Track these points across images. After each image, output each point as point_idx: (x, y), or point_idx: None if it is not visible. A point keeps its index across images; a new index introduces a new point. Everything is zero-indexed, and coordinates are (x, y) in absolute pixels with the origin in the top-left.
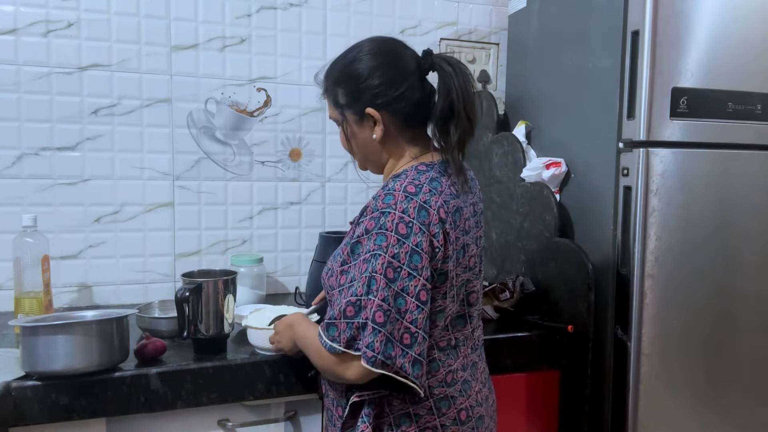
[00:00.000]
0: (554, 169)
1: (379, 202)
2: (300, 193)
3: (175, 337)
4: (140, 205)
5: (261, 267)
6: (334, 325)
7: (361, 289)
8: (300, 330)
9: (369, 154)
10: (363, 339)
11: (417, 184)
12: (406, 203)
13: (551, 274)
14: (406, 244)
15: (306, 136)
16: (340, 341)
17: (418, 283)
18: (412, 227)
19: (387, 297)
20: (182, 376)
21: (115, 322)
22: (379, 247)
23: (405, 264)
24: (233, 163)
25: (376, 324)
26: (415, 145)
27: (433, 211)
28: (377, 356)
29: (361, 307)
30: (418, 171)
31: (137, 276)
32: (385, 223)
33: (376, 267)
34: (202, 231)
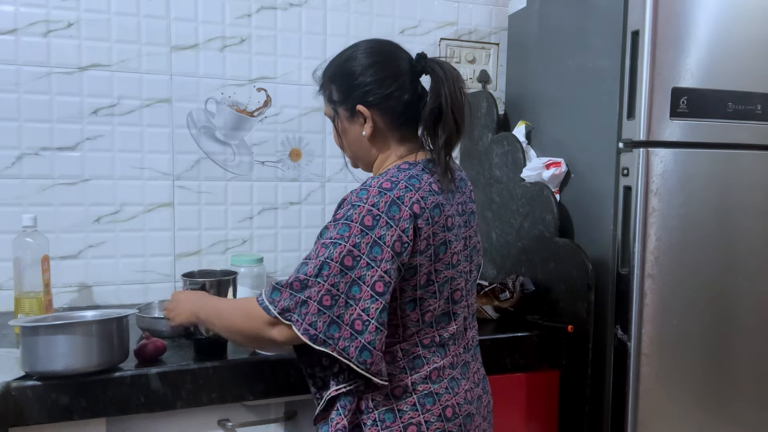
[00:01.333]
0: (554, 169)
1: (353, 196)
2: (300, 193)
3: (175, 337)
4: (140, 205)
5: (261, 267)
6: (278, 291)
7: (312, 271)
8: (213, 300)
9: (359, 151)
10: (302, 315)
11: (394, 181)
12: (377, 197)
13: (551, 274)
14: (369, 236)
15: (306, 136)
16: (276, 306)
17: (375, 273)
18: (379, 220)
19: (337, 283)
20: (182, 376)
21: (115, 322)
22: (341, 237)
23: (365, 254)
24: (233, 163)
25: (323, 306)
26: (402, 145)
27: (405, 207)
28: (318, 335)
29: (306, 286)
30: (400, 169)
31: (137, 276)
32: (351, 215)
33: (333, 255)
34: (202, 231)
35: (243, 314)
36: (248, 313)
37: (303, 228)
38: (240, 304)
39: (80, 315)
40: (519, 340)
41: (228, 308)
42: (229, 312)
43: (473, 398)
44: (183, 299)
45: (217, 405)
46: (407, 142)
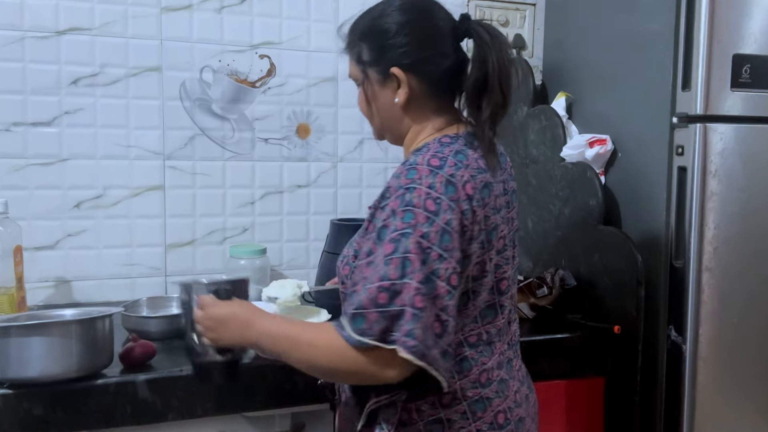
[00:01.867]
0: (599, 148)
1: (402, 179)
2: (308, 174)
3: (165, 339)
4: (126, 189)
5: (264, 259)
6: (362, 316)
7: (395, 272)
8: (272, 323)
9: (389, 121)
10: (399, 328)
11: (441, 157)
12: (431, 177)
13: (595, 267)
14: (436, 223)
15: (315, 109)
16: (372, 334)
17: (449, 266)
18: (441, 204)
19: (423, 279)
20: (174, 383)
21: (97, 322)
22: (408, 225)
23: (435, 244)
24: (232, 140)
25: (416, 309)
26: (439, 116)
27: (460, 185)
28: (419, 345)
29: (395, 292)
30: (442, 143)
31: (123, 269)
32: (411, 200)
33: (408, 247)
34: (196, 218)
35: (332, 353)
36: (341, 352)
37: (312, 215)
38: (319, 336)
39: (58, 314)
40: (558, 342)
41: (303, 339)
42: (306, 345)
43: (522, 399)
44: (228, 317)
45: (213, 416)
46: (444, 113)
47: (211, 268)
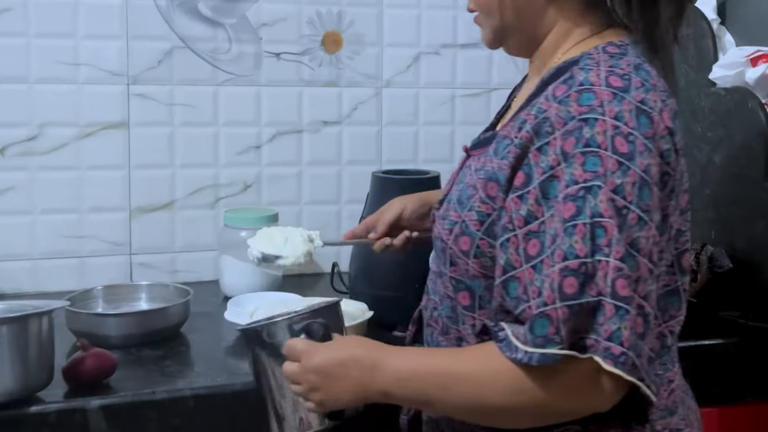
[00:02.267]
0: (765, 66)
1: (573, 105)
2: (340, 106)
3: (131, 347)
4: (72, 127)
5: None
6: (545, 317)
7: (583, 246)
8: (410, 361)
9: (524, 15)
10: (597, 328)
11: (622, 74)
12: (617, 103)
13: (759, 241)
14: (631, 170)
15: (350, 10)
16: (561, 340)
17: (650, 233)
18: (635, 142)
19: (625, 256)
20: (143, 411)
21: (30, 323)
22: (595, 175)
23: (632, 203)
24: (228, 56)
25: (620, 300)
26: (595, 15)
27: (656, 115)
28: (628, 353)
29: (587, 276)
30: (610, 54)
31: (67, 245)
32: (594, 137)
33: (598, 207)
34: (176, 169)
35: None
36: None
37: (345, 165)
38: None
39: None
40: (708, 351)
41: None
42: (465, 382)
43: (699, 421)
44: (343, 364)
45: None
46: (600, 12)
47: (197, 242)
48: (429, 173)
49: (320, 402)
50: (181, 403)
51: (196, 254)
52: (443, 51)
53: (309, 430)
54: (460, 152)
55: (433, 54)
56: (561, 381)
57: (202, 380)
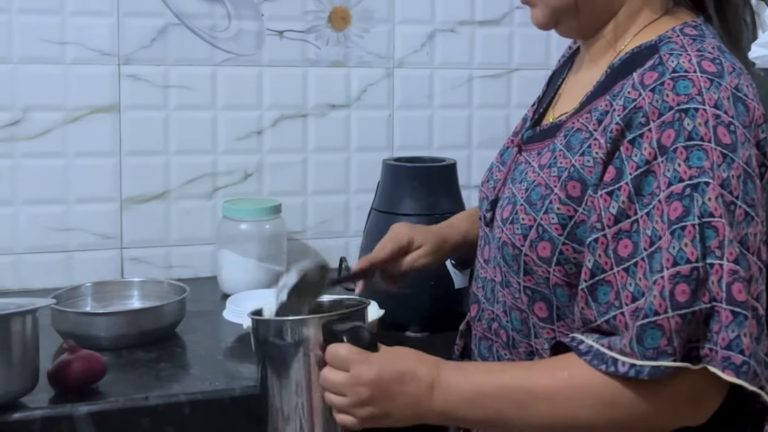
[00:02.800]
0: None
1: (669, 94)
2: (348, 88)
3: (121, 349)
4: (59, 111)
5: (278, 222)
6: (657, 327)
7: (693, 250)
8: (474, 377)
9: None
10: (712, 336)
11: (712, 58)
12: (715, 92)
13: None
14: (735, 163)
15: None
16: (674, 352)
17: (757, 229)
18: (736, 132)
19: (738, 257)
20: (136, 418)
21: (13, 323)
22: (701, 170)
23: (739, 198)
24: (227, 33)
25: (737, 305)
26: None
27: (750, 102)
28: (749, 362)
29: (698, 281)
30: (693, 37)
31: (54, 238)
32: (696, 129)
33: (708, 206)
34: (170, 156)
35: (587, 402)
36: (608, 400)
37: (354, 152)
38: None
39: None
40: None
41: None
42: (547, 400)
43: None
44: (401, 379)
45: None
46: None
47: (193, 235)
48: (444, 161)
49: (366, 418)
50: (176, 409)
51: (193, 248)
52: (460, 28)
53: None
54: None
55: (448, 32)
56: (663, 394)
57: (199, 385)
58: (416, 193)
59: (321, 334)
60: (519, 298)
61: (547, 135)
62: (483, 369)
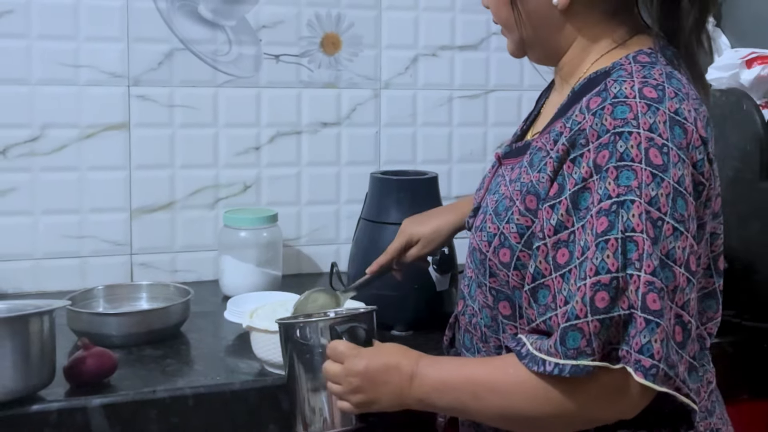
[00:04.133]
0: (760, 68)
1: (607, 118)
2: (339, 107)
3: (131, 347)
4: (74, 128)
5: (274, 230)
6: (577, 330)
7: (614, 261)
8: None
9: (542, 30)
10: (629, 340)
11: (655, 84)
12: (651, 116)
13: (753, 240)
14: (665, 182)
15: (349, 13)
16: (593, 352)
17: (686, 243)
18: (669, 154)
19: (657, 269)
20: (144, 410)
21: (32, 322)
22: (629, 189)
23: (667, 214)
24: (228, 57)
25: (651, 313)
26: (620, 23)
27: (689, 125)
28: (659, 365)
29: (618, 290)
30: (642, 64)
31: (69, 245)
32: (627, 151)
33: (631, 222)
34: (176, 170)
35: (524, 396)
36: (543, 393)
37: (344, 166)
38: (504, 376)
39: None
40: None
41: (485, 383)
42: (490, 392)
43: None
44: (387, 371)
45: None
46: (623, 20)
47: (197, 242)
48: (427, 174)
49: (358, 404)
50: (181, 401)
51: (196, 254)
52: (441, 53)
53: (333, 429)
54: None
55: (430, 56)
56: (590, 390)
57: (202, 379)
58: (401, 203)
59: (328, 334)
60: (488, 297)
61: (520, 152)
62: (451, 363)
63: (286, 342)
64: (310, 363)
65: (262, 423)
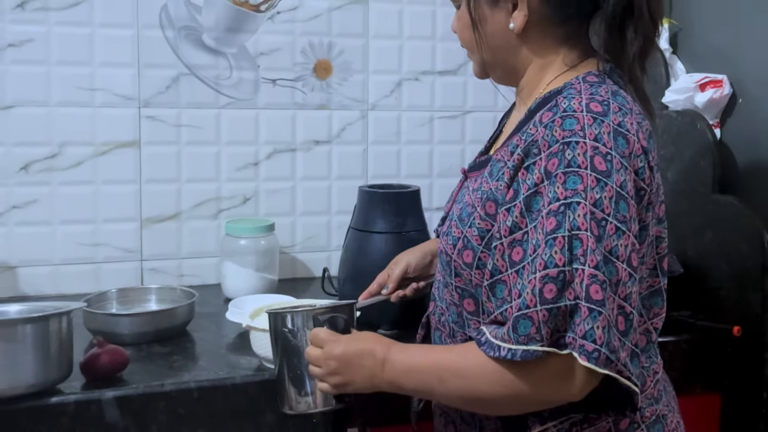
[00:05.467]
0: (712, 91)
1: (557, 130)
2: (330, 126)
3: (141, 344)
4: (89, 146)
5: (271, 238)
6: (528, 318)
7: (561, 256)
8: (412, 357)
9: (500, 52)
10: (574, 328)
11: (601, 101)
12: (596, 127)
13: (706, 248)
14: (608, 186)
15: (339, 41)
16: (542, 339)
17: (629, 241)
18: (612, 161)
19: (600, 264)
20: (153, 402)
21: (51, 322)
22: (575, 192)
23: (610, 215)
24: (230, 81)
25: (594, 303)
26: (569, 48)
27: (632, 136)
28: (600, 350)
29: (565, 282)
30: (591, 83)
31: (85, 252)
32: (574, 158)
33: (576, 221)
34: (182, 184)
35: (483, 379)
36: (498, 377)
37: (334, 180)
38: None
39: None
40: (661, 348)
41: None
42: (454, 376)
43: (677, 406)
44: (361, 356)
45: None
46: (575, 45)
47: (201, 250)
48: (410, 187)
49: (335, 385)
50: (186, 394)
51: (200, 260)
52: (423, 77)
53: (315, 409)
54: (438, 169)
55: (413, 80)
56: (540, 374)
57: (206, 374)
58: (387, 214)
59: (311, 323)
60: (454, 296)
61: (483, 165)
62: (419, 350)
63: (274, 330)
64: (295, 348)
65: (260, 413)
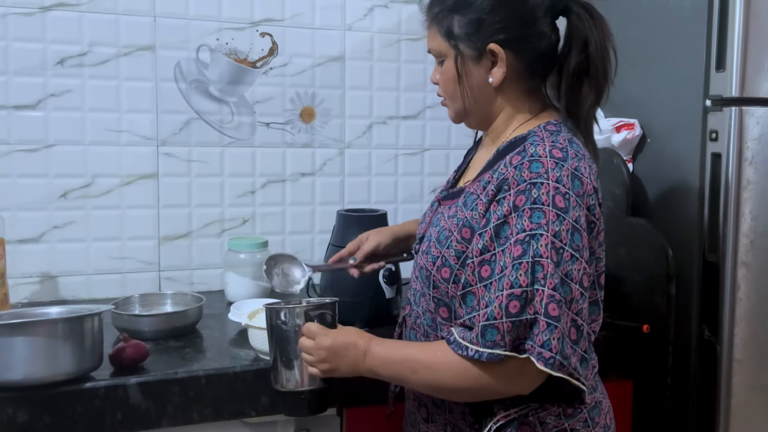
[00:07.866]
0: (626, 133)
1: (525, 172)
2: (313, 161)
3: (159, 339)
4: (117, 177)
5: (265, 253)
6: (494, 327)
7: (525, 278)
8: (389, 350)
9: (479, 102)
10: (534, 337)
11: (561, 148)
12: (558, 171)
13: (622, 261)
14: (566, 220)
15: (321, 91)
16: (504, 344)
17: (581, 266)
18: (569, 200)
19: (557, 285)
20: (169, 387)
21: (86, 321)
22: (539, 225)
23: (567, 244)
24: (231, 124)
25: (551, 318)
26: (532, 100)
27: (585, 178)
28: (555, 357)
29: (527, 300)
30: (551, 132)
31: (113, 264)
32: (539, 197)
33: (539, 250)
34: (192, 208)
35: (450, 373)
36: (467, 370)
37: (317, 205)
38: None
39: (43, 312)
40: None
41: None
42: (426, 369)
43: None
44: (346, 347)
45: (211, 422)
46: (536, 97)
47: (208, 262)
48: (378, 211)
49: (324, 370)
50: (196, 380)
51: (208, 271)
52: (389, 121)
53: (302, 387)
54: (402, 196)
55: (381, 123)
56: (499, 371)
57: (212, 363)
58: (359, 233)
59: (303, 317)
60: (430, 304)
61: (455, 195)
62: (396, 344)
63: (270, 322)
64: (288, 338)
65: (257, 396)
